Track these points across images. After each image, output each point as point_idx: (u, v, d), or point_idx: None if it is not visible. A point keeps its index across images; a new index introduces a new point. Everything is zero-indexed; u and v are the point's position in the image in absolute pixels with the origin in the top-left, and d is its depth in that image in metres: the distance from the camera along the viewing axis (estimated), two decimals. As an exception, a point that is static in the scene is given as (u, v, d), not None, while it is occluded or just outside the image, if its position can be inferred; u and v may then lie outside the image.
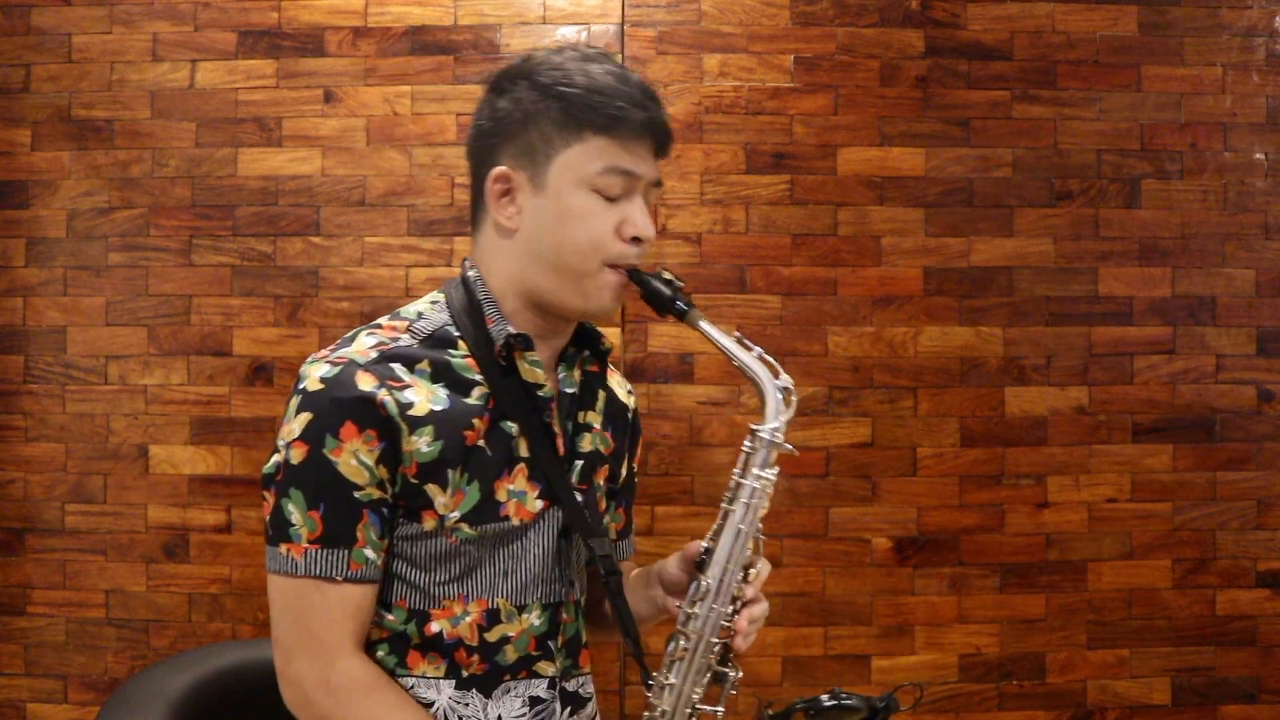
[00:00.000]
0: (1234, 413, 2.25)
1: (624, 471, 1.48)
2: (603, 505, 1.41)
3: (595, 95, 1.21)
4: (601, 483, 1.39)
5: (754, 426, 1.26)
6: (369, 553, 1.19)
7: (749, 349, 1.27)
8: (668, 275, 1.29)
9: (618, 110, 1.21)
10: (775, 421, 1.26)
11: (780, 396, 1.26)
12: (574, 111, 1.21)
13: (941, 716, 2.21)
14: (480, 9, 2.22)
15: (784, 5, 2.23)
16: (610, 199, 1.23)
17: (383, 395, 1.18)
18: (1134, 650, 2.23)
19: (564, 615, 1.31)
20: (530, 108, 1.23)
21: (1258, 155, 2.27)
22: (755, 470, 1.26)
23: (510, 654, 1.26)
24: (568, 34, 2.22)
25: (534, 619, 1.27)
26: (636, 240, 1.25)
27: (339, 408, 1.17)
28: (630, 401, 1.50)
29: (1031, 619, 2.22)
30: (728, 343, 1.27)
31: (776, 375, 1.27)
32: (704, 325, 1.28)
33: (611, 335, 2.19)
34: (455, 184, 2.21)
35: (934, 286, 2.24)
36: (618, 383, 1.49)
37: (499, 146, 1.26)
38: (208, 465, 2.19)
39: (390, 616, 1.24)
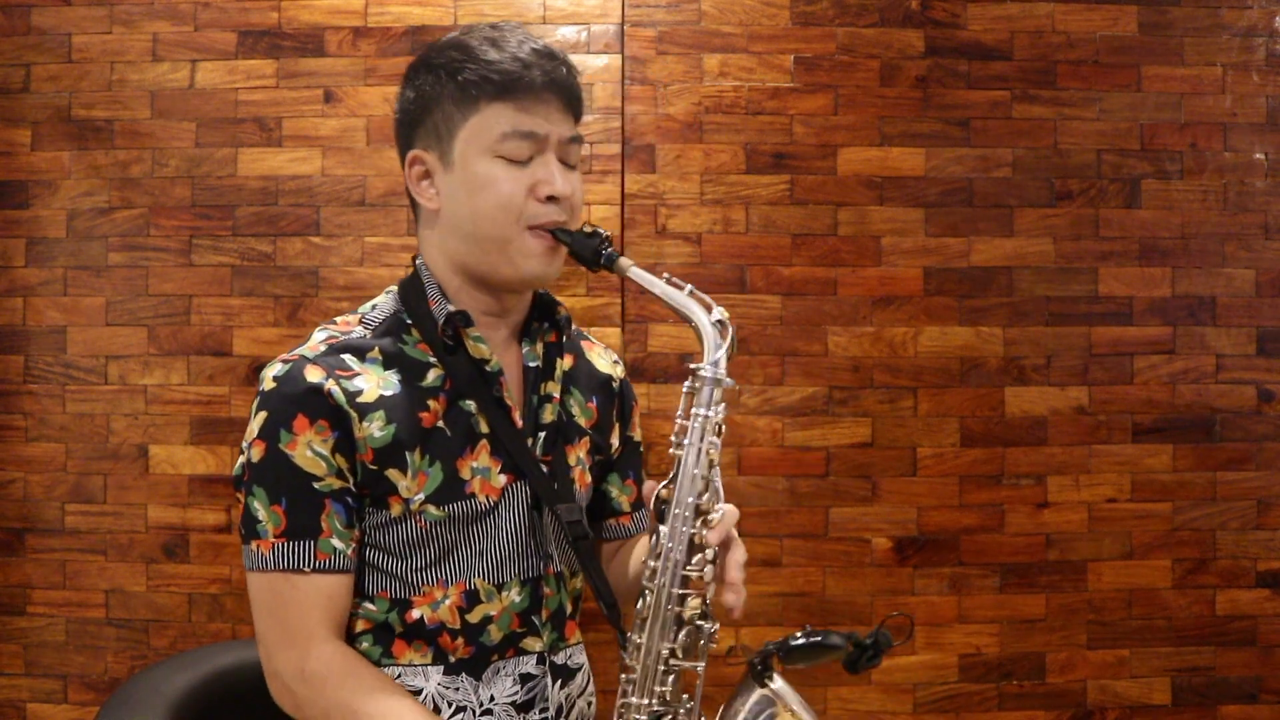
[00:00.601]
0: (1234, 413, 2.25)
1: (615, 441, 1.47)
2: (585, 479, 1.39)
3: (485, 65, 1.23)
4: (583, 456, 1.39)
5: (693, 365, 1.23)
6: (335, 542, 1.20)
7: (680, 288, 1.24)
8: (591, 228, 1.26)
9: (507, 74, 1.22)
10: (714, 355, 1.22)
11: (716, 330, 1.22)
12: (467, 86, 1.23)
13: (941, 716, 2.21)
14: (480, 9, 2.22)
15: (784, 5, 2.23)
16: (518, 163, 1.24)
17: (330, 385, 1.19)
18: (1134, 650, 2.23)
19: (545, 589, 1.31)
20: (429, 90, 1.27)
21: (1258, 155, 2.27)
22: (700, 410, 1.21)
23: (495, 633, 1.27)
24: (568, 34, 2.22)
25: (514, 596, 1.28)
26: (553, 200, 1.24)
27: (289, 402, 1.19)
28: (616, 371, 1.50)
29: (1031, 619, 2.22)
30: (659, 285, 1.24)
31: (709, 310, 1.23)
32: (634, 271, 1.24)
33: (611, 335, 2.20)
34: (455, 184, 2.21)
35: (934, 286, 2.24)
36: (600, 354, 1.49)
37: (412, 134, 1.30)
38: (208, 465, 2.19)
39: (372, 607, 1.25)
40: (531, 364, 1.34)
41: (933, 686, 2.21)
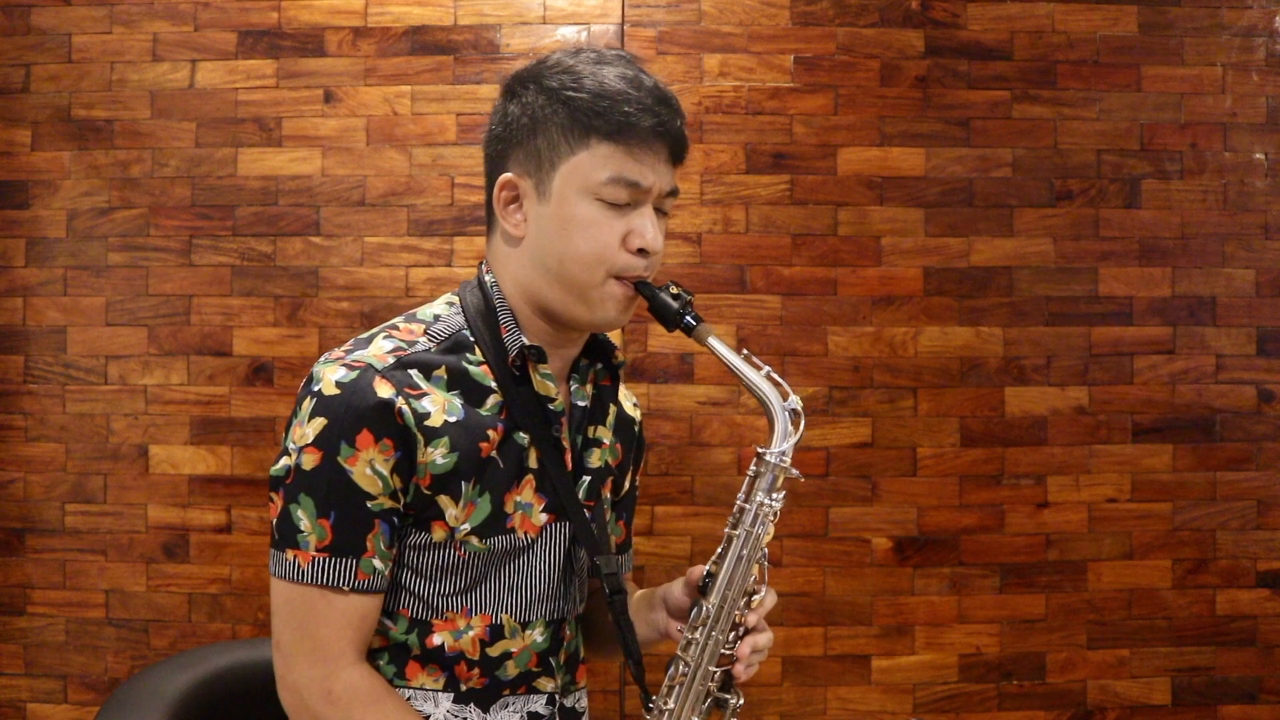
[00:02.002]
0: (1234, 413, 2.25)
1: (626, 483, 1.46)
2: (620, 537, 1.40)
3: (602, 100, 1.17)
4: (608, 496, 1.37)
5: (760, 450, 1.24)
6: (377, 563, 1.17)
7: (758, 368, 1.25)
8: (675, 289, 1.24)
9: (625, 116, 1.17)
10: (783, 445, 1.23)
11: (789, 418, 1.23)
12: (580, 117, 1.18)
13: (941, 716, 2.21)
14: (480, 9, 2.22)
15: (784, 5, 2.23)
16: (617, 208, 1.19)
17: (400, 403, 1.15)
18: (1134, 650, 2.23)
19: (566, 632, 1.29)
20: (537, 113, 1.20)
21: (1258, 155, 2.27)
22: (760, 496, 1.22)
23: (511, 669, 1.24)
24: (568, 34, 2.22)
25: (537, 635, 1.26)
26: (643, 252, 1.21)
27: (356, 415, 1.14)
28: (636, 414, 1.48)
29: (1031, 619, 2.22)
30: (737, 361, 1.25)
31: (786, 397, 1.24)
32: (713, 342, 1.24)
33: (612, 335, 2.19)
34: (455, 184, 2.21)
35: (934, 286, 2.24)
36: (625, 395, 1.47)
37: (507, 152, 1.24)
38: (208, 465, 2.19)
39: (392, 625, 1.22)
40: (580, 403, 1.31)
41: (933, 686, 2.21)
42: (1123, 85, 2.26)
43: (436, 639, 1.22)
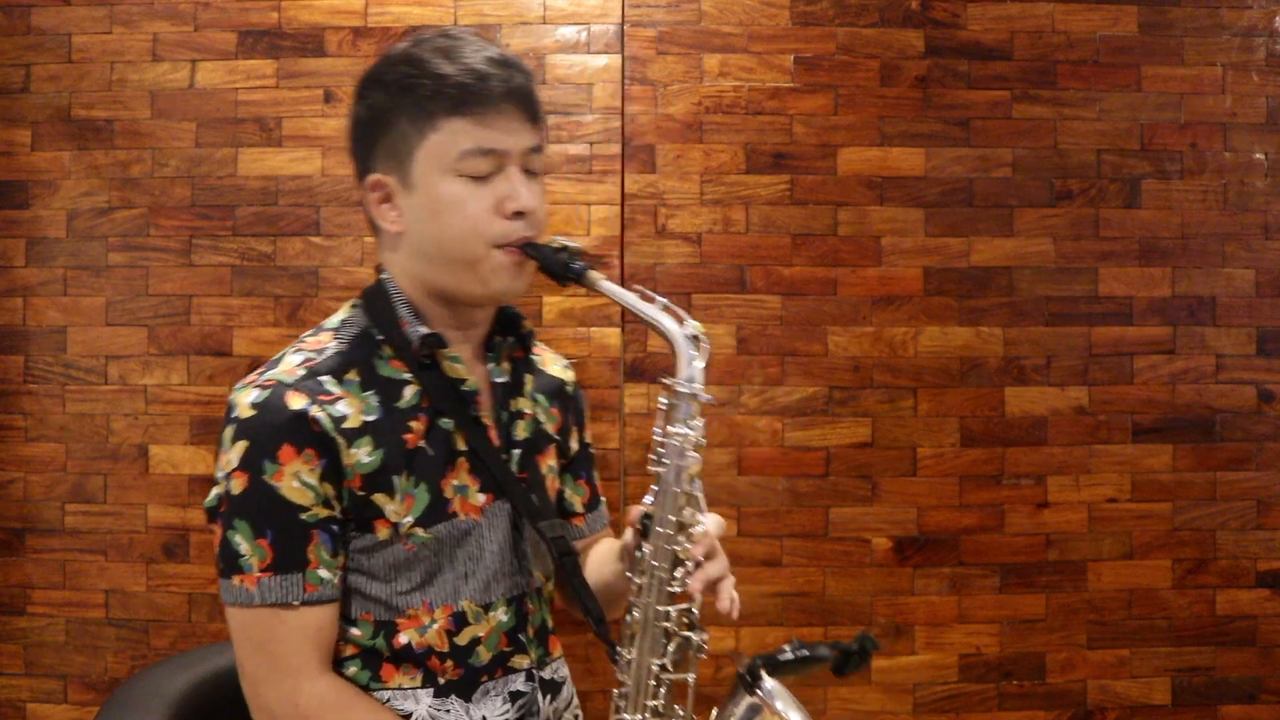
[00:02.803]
0: (1234, 413, 2.25)
1: (575, 445, 1.46)
2: (555, 486, 1.39)
3: (441, 79, 1.18)
4: (553, 463, 1.38)
5: (667, 380, 1.21)
6: (323, 573, 1.17)
7: (652, 300, 1.22)
8: (561, 242, 1.23)
9: (463, 87, 1.18)
10: (689, 370, 1.20)
11: (690, 344, 1.20)
12: (422, 101, 1.19)
13: (941, 716, 2.21)
14: (480, 9, 2.22)
15: (784, 5, 2.23)
16: (480, 179, 1.20)
17: (315, 411, 1.16)
18: (1134, 650, 2.23)
19: (529, 606, 1.30)
20: (384, 109, 1.22)
21: (1258, 155, 2.27)
22: (677, 428, 1.20)
23: (483, 654, 1.25)
24: (568, 34, 2.22)
25: (501, 615, 1.26)
26: (519, 215, 1.21)
27: (273, 431, 1.15)
28: (568, 375, 1.47)
29: (1031, 619, 2.22)
30: (630, 298, 1.22)
31: (682, 323, 1.21)
32: (604, 284, 1.22)
33: (611, 335, 2.20)
34: (455, 184, 2.21)
35: (934, 286, 2.24)
36: (552, 360, 1.47)
37: (368, 154, 1.25)
38: (208, 465, 2.19)
39: (356, 632, 1.22)
40: (499, 380, 1.32)
41: (933, 686, 2.21)
42: (1123, 85, 2.26)
43: (403, 638, 1.22)
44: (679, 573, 1.19)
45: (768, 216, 2.22)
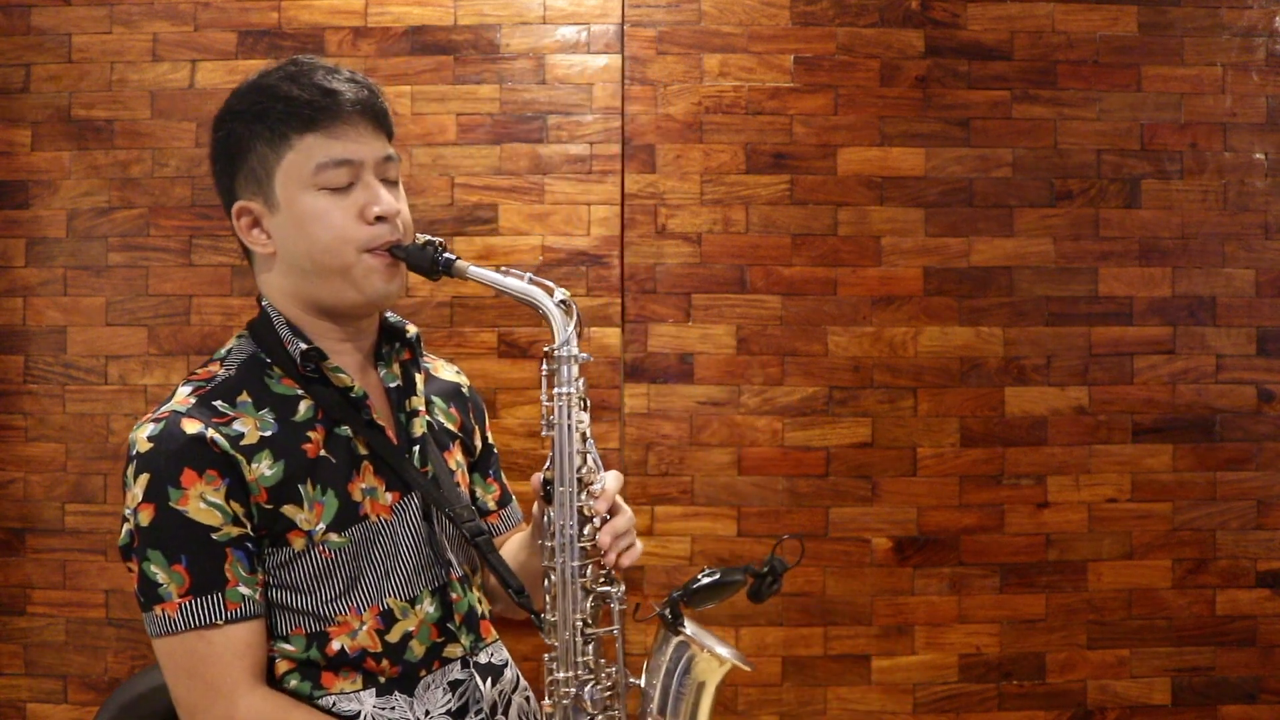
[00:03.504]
0: (1234, 413, 2.25)
1: (479, 443, 1.51)
2: (466, 481, 1.44)
3: (290, 102, 1.24)
4: (460, 459, 1.43)
5: (547, 348, 1.29)
6: (243, 590, 1.19)
7: (520, 277, 1.30)
8: (425, 238, 1.30)
9: (310, 105, 1.23)
10: (563, 335, 1.28)
11: (561, 310, 1.29)
12: (275, 124, 1.24)
13: (941, 716, 2.21)
14: (480, 9, 2.22)
15: (784, 5, 2.23)
16: (340, 191, 1.25)
17: (211, 433, 1.19)
18: (1134, 650, 2.23)
19: (453, 594, 1.33)
20: (239, 137, 1.28)
21: (1258, 155, 2.27)
22: (560, 389, 1.28)
23: (417, 649, 1.28)
24: (568, 34, 2.22)
25: (428, 607, 1.29)
26: (381, 220, 1.26)
27: (172, 458, 1.17)
28: (461, 379, 1.53)
29: (1031, 619, 2.22)
30: (498, 278, 1.29)
31: (551, 293, 1.30)
32: (472, 270, 1.29)
33: (611, 335, 2.20)
34: (455, 184, 2.21)
35: (934, 286, 2.24)
36: (443, 366, 1.53)
37: (232, 184, 1.31)
38: (208, 465, 2.19)
39: (290, 647, 1.24)
40: (392, 384, 1.37)
41: (933, 686, 2.21)
42: (1123, 85, 2.26)
43: (336, 644, 1.24)
44: (587, 530, 1.26)
45: (768, 216, 2.23)
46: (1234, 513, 2.24)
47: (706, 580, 1.27)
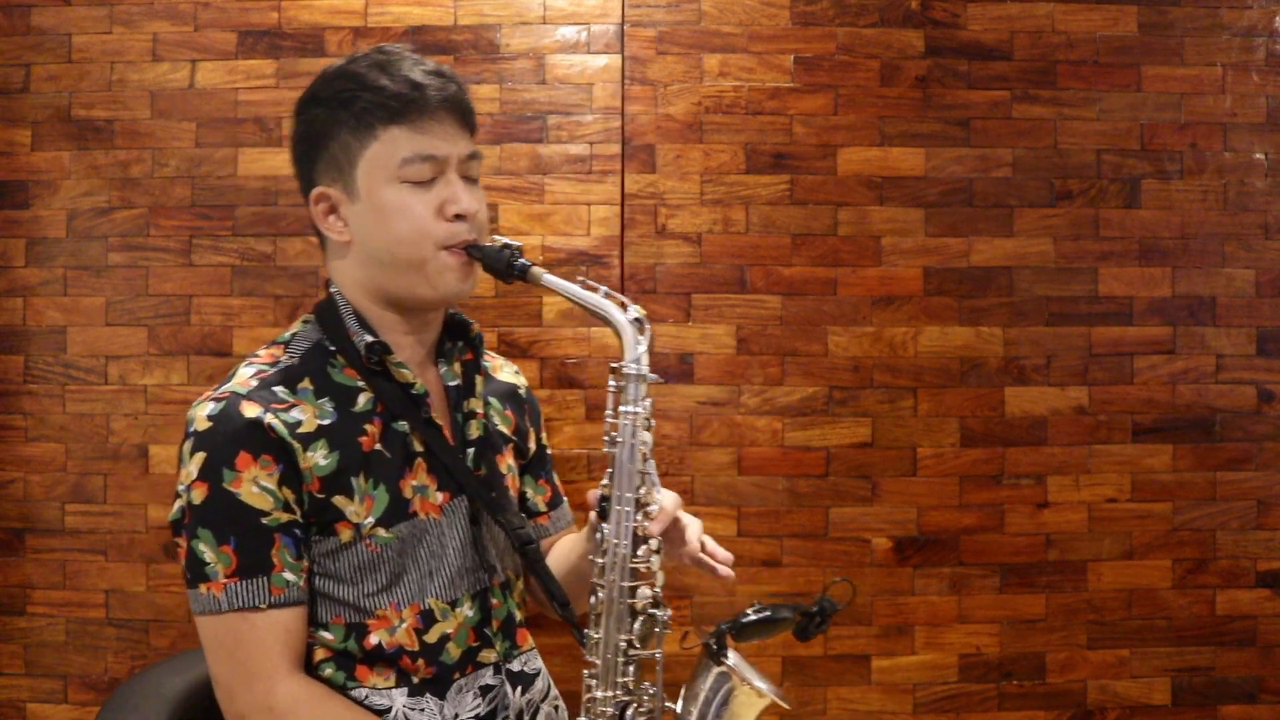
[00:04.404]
0: (1234, 413, 2.25)
1: (532, 446, 1.50)
2: (516, 485, 1.43)
3: (379, 92, 1.23)
4: (512, 463, 1.42)
5: (614, 364, 1.27)
6: (288, 575, 1.20)
7: (595, 290, 1.29)
8: (503, 240, 1.29)
9: (401, 98, 1.23)
10: (635, 353, 1.26)
11: (634, 328, 1.27)
12: (360, 114, 1.24)
13: (941, 716, 2.21)
14: (480, 9, 2.22)
15: (784, 5, 2.23)
16: (422, 185, 1.25)
17: (269, 419, 1.19)
18: (1134, 650, 2.23)
19: (493, 600, 1.33)
20: (323, 124, 1.27)
21: (1258, 155, 2.27)
22: (627, 407, 1.26)
23: (453, 651, 1.28)
24: (568, 34, 2.22)
25: (467, 611, 1.29)
26: (460, 218, 1.26)
27: (229, 440, 1.18)
28: (519, 380, 1.53)
29: (1031, 619, 2.22)
30: (573, 289, 1.28)
31: (625, 309, 1.29)
32: (547, 278, 1.28)
33: (611, 335, 2.19)
34: (455, 184, 2.21)
35: (934, 286, 2.24)
36: (502, 366, 1.52)
37: (311, 169, 1.30)
38: (208, 465, 2.18)
39: (329, 635, 1.24)
40: (451, 383, 1.36)
41: (933, 686, 2.21)
42: (1123, 85, 2.26)
43: (374, 639, 1.25)
44: (640, 551, 1.24)
45: (768, 216, 2.23)
46: (1234, 513, 2.24)
47: (755, 616, 1.26)
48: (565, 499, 1.55)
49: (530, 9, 2.22)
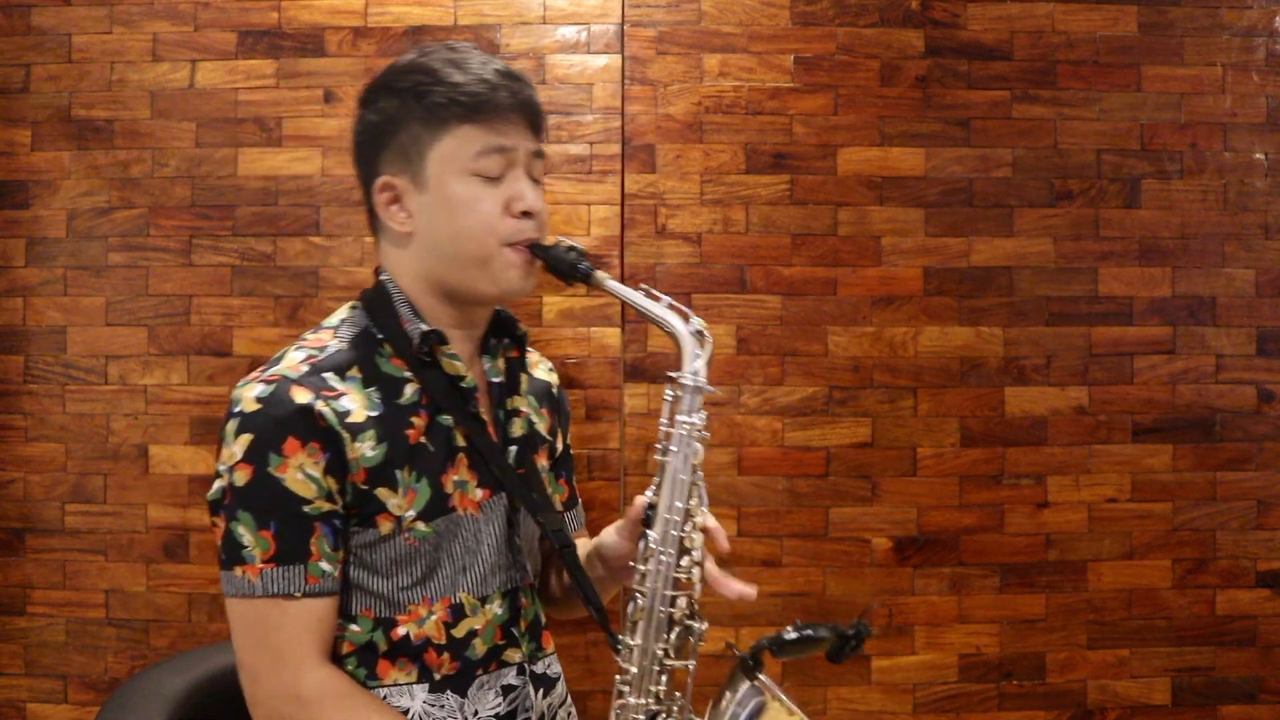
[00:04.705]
0: (1234, 413, 2.25)
1: (559, 446, 1.50)
2: (564, 494, 1.43)
3: (454, 88, 1.23)
4: (545, 463, 1.41)
5: (672, 374, 1.26)
6: (325, 565, 1.19)
7: (658, 299, 1.27)
8: (568, 243, 1.28)
9: (476, 96, 1.23)
10: (694, 365, 1.25)
11: (694, 340, 1.26)
12: (435, 108, 1.23)
13: (941, 716, 2.21)
14: (480, 9, 2.22)
15: (784, 5, 2.23)
16: (492, 179, 1.25)
17: (320, 406, 1.18)
18: (1134, 650, 2.23)
19: (523, 600, 1.32)
20: (395, 114, 1.26)
21: (1258, 155, 2.27)
22: (683, 418, 1.25)
23: (479, 648, 1.27)
24: (568, 34, 2.22)
25: (496, 608, 1.29)
26: (527, 215, 1.26)
27: (278, 424, 1.17)
28: (552, 378, 1.52)
29: (1031, 619, 2.22)
30: (636, 297, 1.27)
31: (687, 320, 1.27)
32: (610, 284, 1.27)
33: (611, 335, 2.20)
34: (455, 184, 2.21)
35: (934, 286, 2.24)
36: (538, 360, 1.51)
37: (376, 157, 1.29)
38: (208, 465, 2.19)
39: (355, 628, 1.24)
40: (495, 379, 1.35)
41: (933, 686, 2.21)
42: (1123, 85, 2.26)
43: (401, 630, 1.24)
44: (684, 561, 1.23)
45: (768, 216, 2.23)
46: (1234, 513, 2.24)
47: (795, 635, 1.27)
48: (580, 501, 1.54)
49: (530, 9, 2.22)
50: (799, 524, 2.21)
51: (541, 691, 1.33)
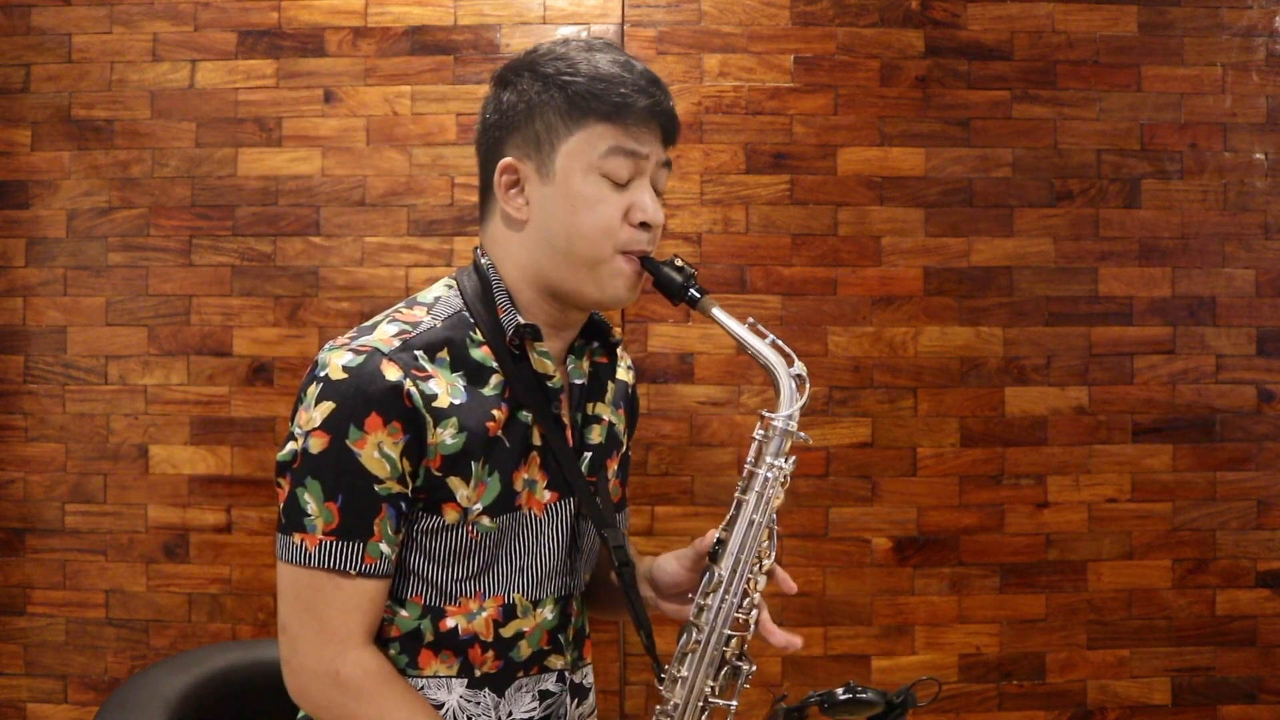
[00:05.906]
0: (1234, 413, 2.25)
1: (625, 445, 1.47)
2: (616, 496, 1.39)
3: (598, 84, 1.20)
4: (616, 467, 1.38)
5: (766, 414, 1.24)
6: (384, 547, 1.17)
7: (762, 336, 1.24)
8: (680, 262, 1.25)
9: (622, 97, 1.20)
10: (789, 409, 1.23)
11: (794, 384, 1.23)
12: (577, 100, 1.20)
13: (941, 716, 2.21)
14: (480, 9, 2.22)
15: (784, 5, 2.23)
16: (618, 184, 1.22)
17: (409, 386, 1.15)
18: (1134, 650, 2.23)
19: (574, 608, 1.31)
20: (534, 98, 1.22)
21: (1258, 155, 2.27)
22: (769, 459, 1.23)
23: (524, 650, 1.25)
24: (568, 34, 2.22)
25: (547, 613, 1.27)
26: (645, 226, 1.23)
27: (364, 398, 1.14)
28: (630, 377, 1.49)
29: (1031, 619, 2.22)
30: (741, 330, 1.23)
31: (791, 363, 1.24)
32: (717, 313, 1.23)
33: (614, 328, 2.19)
34: (455, 184, 2.21)
35: (934, 286, 2.24)
36: (620, 357, 1.47)
37: (505, 138, 1.25)
38: (208, 465, 2.19)
39: (404, 613, 1.22)
40: (578, 381, 1.32)
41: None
42: (1123, 85, 2.26)
43: (450, 622, 1.22)
44: (745, 603, 1.22)
45: (768, 216, 2.23)
46: (1234, 513, 2.24)
47: (846, 696, 1.28)
48: (628, 503, 1.52)
49: (530, 9, 2.22)
50: (799, 524, 2.21)
51: (577, 702, 1.32)
